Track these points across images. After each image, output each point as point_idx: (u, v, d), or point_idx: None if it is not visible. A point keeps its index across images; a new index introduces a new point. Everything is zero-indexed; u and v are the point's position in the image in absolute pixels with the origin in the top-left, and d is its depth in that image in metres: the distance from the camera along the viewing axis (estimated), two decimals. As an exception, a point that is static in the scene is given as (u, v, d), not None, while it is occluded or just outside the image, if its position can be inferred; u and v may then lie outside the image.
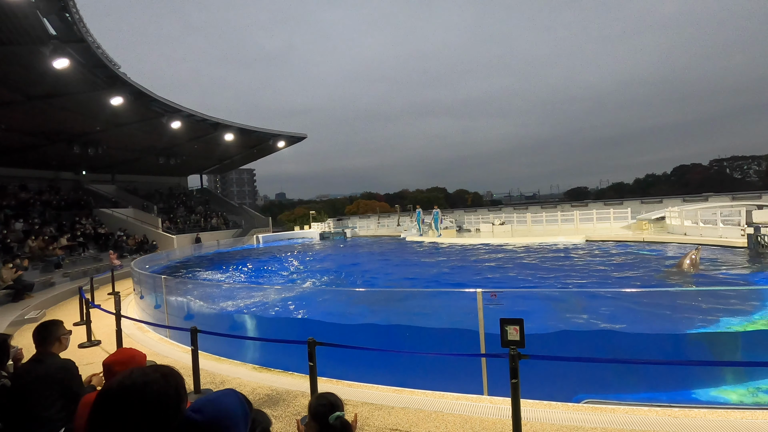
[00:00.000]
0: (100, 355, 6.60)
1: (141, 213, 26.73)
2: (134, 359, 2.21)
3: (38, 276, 13.58)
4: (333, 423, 1.91)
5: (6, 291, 10.83)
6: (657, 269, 10.87)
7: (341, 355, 4.07)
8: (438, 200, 53.38)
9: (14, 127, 18.46)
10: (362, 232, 33.27)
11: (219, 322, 8.14)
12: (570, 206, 31.35)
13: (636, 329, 5.52)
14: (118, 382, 1.09)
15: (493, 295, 4.37)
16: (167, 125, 22.81)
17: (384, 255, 18.77)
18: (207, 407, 1.15)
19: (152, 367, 1.16)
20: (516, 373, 3.30)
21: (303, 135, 33.80)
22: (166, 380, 1.11)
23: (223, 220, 33.26)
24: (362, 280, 12.63)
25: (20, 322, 9.04)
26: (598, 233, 18.77)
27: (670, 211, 17.94)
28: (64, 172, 27.18)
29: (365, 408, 4.10)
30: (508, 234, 21.89)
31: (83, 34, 13.52)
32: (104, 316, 7.48)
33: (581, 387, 4.77)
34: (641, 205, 27.78)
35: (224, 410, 1.16)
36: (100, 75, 16.47)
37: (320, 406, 1.97)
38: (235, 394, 1.19)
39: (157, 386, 1.08)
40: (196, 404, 1.18)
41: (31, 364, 2.72)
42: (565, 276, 10.71)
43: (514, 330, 3.42)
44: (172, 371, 1.17)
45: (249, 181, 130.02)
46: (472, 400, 4.15)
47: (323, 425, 1.93)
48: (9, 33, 11.77)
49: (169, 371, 1.17)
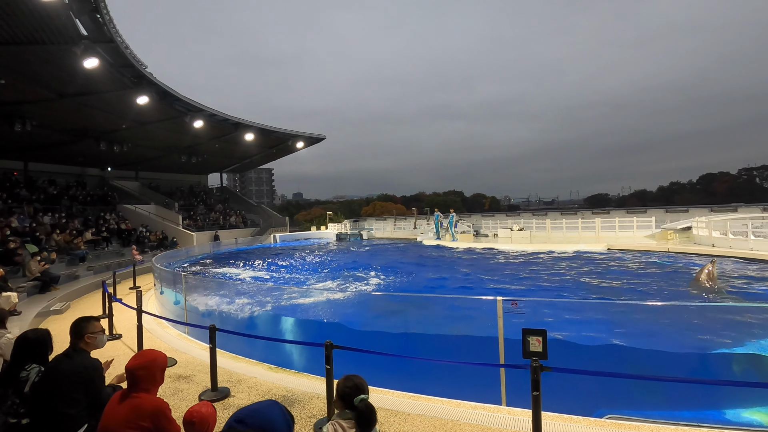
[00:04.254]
0: (121, 349, 6.73)
1: (162, 210, 27.32)
2: (156, 362, 2.22)
3: (64, 269, 13.98)
4: (357, 405, 2.10)
5: (33, 283, 11.17)
6: (685, 281, 10.52)
7: (357, 356, 4.04)
8: (455, 204, 53.05)
9: (45, 124, 19.09)
10: (378, 234, 33.24)
11: (236, 320, 8.22)
12: (591, 213, 30.67)
13: (663, 343, 5.32)
14: None
15: (514, 304, 4.27)
16: (190, 124, 23.27)
17: (400, 257, 18.69)
18: (250, 418, 1.11)
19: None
20: (538, 385, 3.21)
21: (322, 136, 34.02)
22: None
23: (241, 218, 33.72)
24: (379, 283, 12.58)
25: (46, 314, 9.31)
26: (620, 242, 18.30)
27: (697, 221, 17.37)
28: (90, 168, 28.03)
29: (381, 413, 4.05)
30: (526, 240, 21.55)
31: (113, 35, 13.90)
32: (126, 310, 7.63)
33: (602, 401, 4.62)
34: (666, 214, 27.01)
35: (267, 422, 1.12)
36: (127, 74, 16.90)
37: (347, 387, 2.17)
38: (277, 406, 1.14)
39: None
40: (240, 414, 1.14)
41: (60, 359, 2.77)
42: (587, 285, 10.45)
43: (536, 341, 3.33)
44: None
45: (267, 180, 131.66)
46: (490, 410, 4.06)
47: (349, 406, 2.13)
48: (44, 33, 12.18)
49: None
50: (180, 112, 22.44)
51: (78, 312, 9.75)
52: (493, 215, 38.70)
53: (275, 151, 34.96)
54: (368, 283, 12.74)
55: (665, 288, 9.95)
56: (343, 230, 33.33)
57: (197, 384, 5.01)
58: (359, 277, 13.59)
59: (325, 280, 13.83)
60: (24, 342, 2.94)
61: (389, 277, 13.46)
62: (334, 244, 28.25)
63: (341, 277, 14.06)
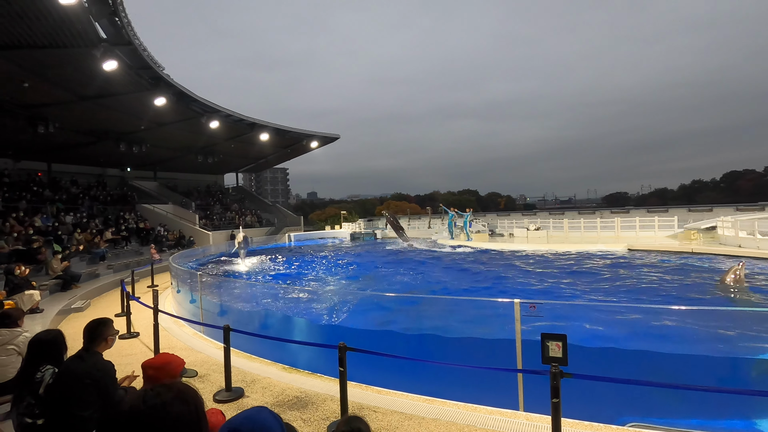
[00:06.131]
0: (138, 347, 6.82)
1: (180, 209, 27.78)
2: (171, 364, 2.20)
3: (85, 267, 14.30)
4: None
5: (56, 281, 11.44)
6: (712, 284, 10.15)
7: (371, 357, 3.97)
8: (469, 203, 52.64)
9: (67, 125, 19.58)
10: (392, 233, 33.15)
11: (250, 320, 8.26)
12: (610, 212, 30.01)
13: (693, 349, 5.12)
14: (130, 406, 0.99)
15: (532, 307, 4.15)
16: (206, 125, 23.57)
17: (415, 257, 18.58)
18: (245, 425, 1.10)
19: (165, 386, 1.06)
20: (557, 392, 3.10)
21: (336, 135, 34.12)
22: (183, 402, 1.01)
23: (256, 217, 34.05)
24: (394, 284, 12.51)
25: (67, 311, 9.52)
26: (641, 242, 17.83)
27: (723, 221, 16.77)
28: (110, 169, 28.67)
29: (395, 417, 3.99)
30: (543, 240, 21.19)
31: (131, 38, 14.15)
32: (143, 309, 7.72)
33: (625, 408, 4.46)
34: (689, 213, 26.22)
35: (262, 427, 1.10)
36: (145, 76, 17.20)
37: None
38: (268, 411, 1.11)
39: (175, 410, 0.99)
40: (234, 422, 1.12)
41: (73, 361, 2.78)
42: (609, 287, 10.17)
43: (556, 346, 3.22)
44: (188, 390, 1.07)
45: (282, 180, 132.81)
46: (507, 416, 3.95)
47: None
48: (65, 37, 12.45)
49: (185, 389, 1.06)
50: (196, 112, 22.75)
51: (98, 310, 9.94)
52: (508, 214, 38.25)
53: (290, 150, 35.20)
54: (388, 282, 12.69)
55: (692, 289, 9.62)
56: (358, 230, 33.38)
57: (212, 383, 5.02)
58: (378, 277, 13.55)
59: (344, 278, 13.85)
60: (37, 343, 2.97)
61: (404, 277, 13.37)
62: (348, 243, 28.30)
63: (361, 276, 14.04)
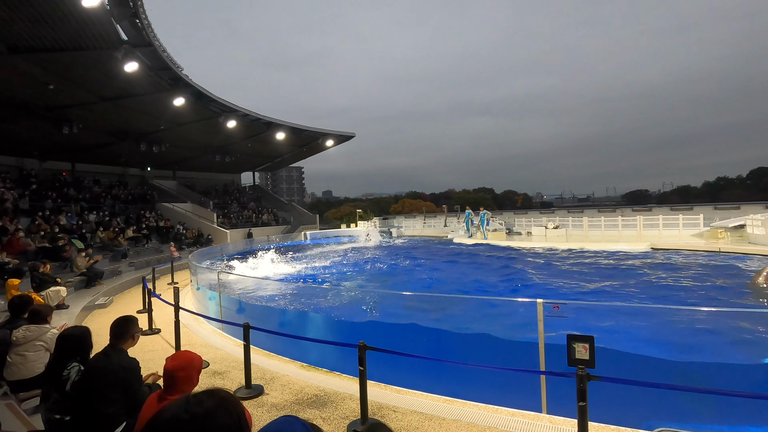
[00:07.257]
0: (160, 344, 6.92)
1: (198, 208, 28.23)
2: (192, 363, 2.20)
3: (107, 265, 14.64)
4: None
5: (80, 278, 11.74)
6: (742, 284, 9.78)
7: (390, 355, 3.93)
8: (485, 201, 52.09)
9: (89, 126, 20.05)
10: (408, 231, 33.13)
11: (269, 317, 8.31)
12: (631, 210, 29.31)
13: (723, 352, 4.93)
14: (171, 414, 0.93)
15: (556, 307, 4.04)
16: (224, 124, 23.87)
17: (432, 256, 18.47)
18: None
19: (208, 393, 1.03)
20: (584, 395, 3.00)
21: (351, 134, 34.17)
22: (227, 412, 0.97)
23: (273, 216, 34.37)
24: (414, 281, 12.44)
25: (91, 308, 9.75)
26: (664, 241, 17.34)
27: (753, 219, 16.14)
28: (131, 168, 29.30)
29: (414, 417, 3.94)
30: (562, 239, 20.81)
31: (151, 39, 14.40)
32: (164, 306, 7.86)
33: (652, 412, 4.32)
34: (714, 211, 25.40)
35: None
36: (164, 77, 17.49)
37: None
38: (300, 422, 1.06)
39: (219, 420, 0.94)
40: None
41: (99, 358, 2.82)
42: (635, 288, 9.89)
43: (582, 348, 3.12)
44: (231, 398, 1.02)
45: (298, 178, 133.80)
46: (530, 418, 3.86)
47: None
48: (87, 39, 12.74)
49: (228, 397, 1.01)
50: (214, 112, 23.05)
51: (120, 306, 10.16)
52: (526, 213, 37.72)
53: (305, 149, 35.40)
54: (402, 281, 12.63)
55: (725, 290, 9.27)
56: (373, 228, 33.41)
57: (231, 381, 5.05)
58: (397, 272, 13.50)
59: (362, 275, 13.84)
60: (64, 340, 3.02)
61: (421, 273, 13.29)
62: (364, 242, 28.34)
63: (380, 272, 14.00)
